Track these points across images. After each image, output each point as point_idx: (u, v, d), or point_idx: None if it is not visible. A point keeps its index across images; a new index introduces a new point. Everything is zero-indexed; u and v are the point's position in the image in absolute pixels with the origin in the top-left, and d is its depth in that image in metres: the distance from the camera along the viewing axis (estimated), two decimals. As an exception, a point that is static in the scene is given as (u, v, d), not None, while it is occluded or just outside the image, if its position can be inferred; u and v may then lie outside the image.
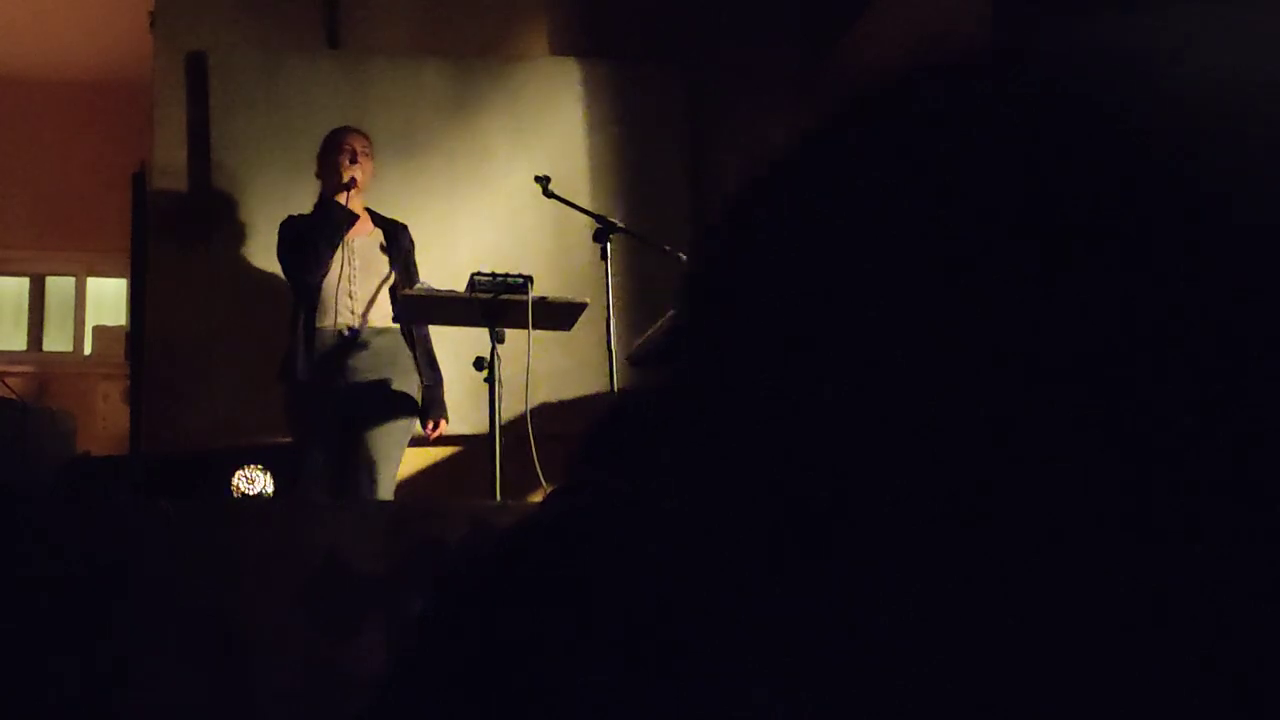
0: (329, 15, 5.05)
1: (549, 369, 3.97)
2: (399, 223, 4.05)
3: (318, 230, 3.84)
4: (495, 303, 3.50)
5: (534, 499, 3.37)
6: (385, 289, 3.90)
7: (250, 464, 3.16)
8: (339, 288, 3.86)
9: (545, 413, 3.88)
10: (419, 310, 3.75)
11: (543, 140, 4.97)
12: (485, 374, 3.52)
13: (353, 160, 3.90)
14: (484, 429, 3.57)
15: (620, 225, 3.76)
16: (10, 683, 2.26)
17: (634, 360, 3.74)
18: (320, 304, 3.85)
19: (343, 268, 3.88)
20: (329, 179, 3.95)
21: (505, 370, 3.55)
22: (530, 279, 3.52)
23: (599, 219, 3.76)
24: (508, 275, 3.52)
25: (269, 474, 3.17)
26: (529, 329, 3.44)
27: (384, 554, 2.53)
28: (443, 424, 4.00)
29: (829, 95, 0.37)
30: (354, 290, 3.88)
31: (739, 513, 0.31)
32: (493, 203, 4.87)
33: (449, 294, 3.59)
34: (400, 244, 4.00)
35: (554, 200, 3.84)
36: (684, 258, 3.52)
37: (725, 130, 4.94)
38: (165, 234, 4.65)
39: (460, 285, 3.57)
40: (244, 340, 4.41)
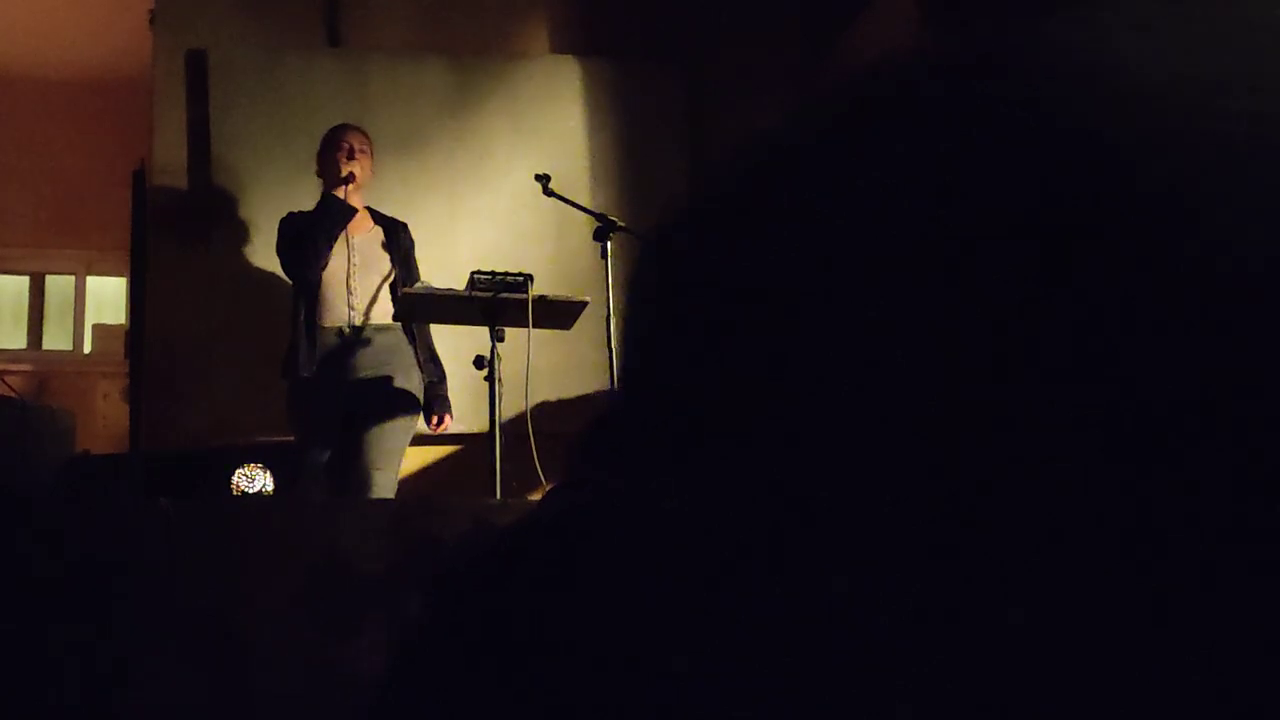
0: (329, 13, 5.06)
1: (549, 368, 3.97)
2: (399, 221, 4.06)
3: (316, 225, 3.85)
4: (495, 301, 3.50)
5: (534, 497, 3.37)
6: (386, 286, 3.91)
7: (250, 462, 3.17)
8: (340, 285, 3.87)
9: (545, 411, 3.89)
10: (419, 308, 3.76)
11: (543, 138, 4.98)
12: (485, 373, 3.53)
13: (350, 156, 3.92)
14: (484, 427, 3.58)
15: (620, 224, 3.76)
16: (10, 682, 2.26)
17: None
18: (321, 301, 3.86)
19: (344, 264, 3.89)
20: (328, 176, 3.97)
21: (505, 369, 3.56)
22: (530, 277, 3.52)
23: (599, 217, 3.76)
24: (508, 274, 3.52)
25: (269, 472, 3.18)
26: (529, 328, 3.45)
27: (384, 552, 2.53)
28: (447, 418, 4.01)
29: (827, 92, 0.37)
30: (355, 288, 3.88)
31: (739, 513, 0.31)
32: (493, 201, 4.87)
33: (449, 292, 3.59)
34: (401, 242, 4.00)
35: (554, 199, 3.84)
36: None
37: (725, 130, 4.94)
38: (165, 232, 4.65)
39: (460, 284, 3.57)
40: (244, 338, 4.42)
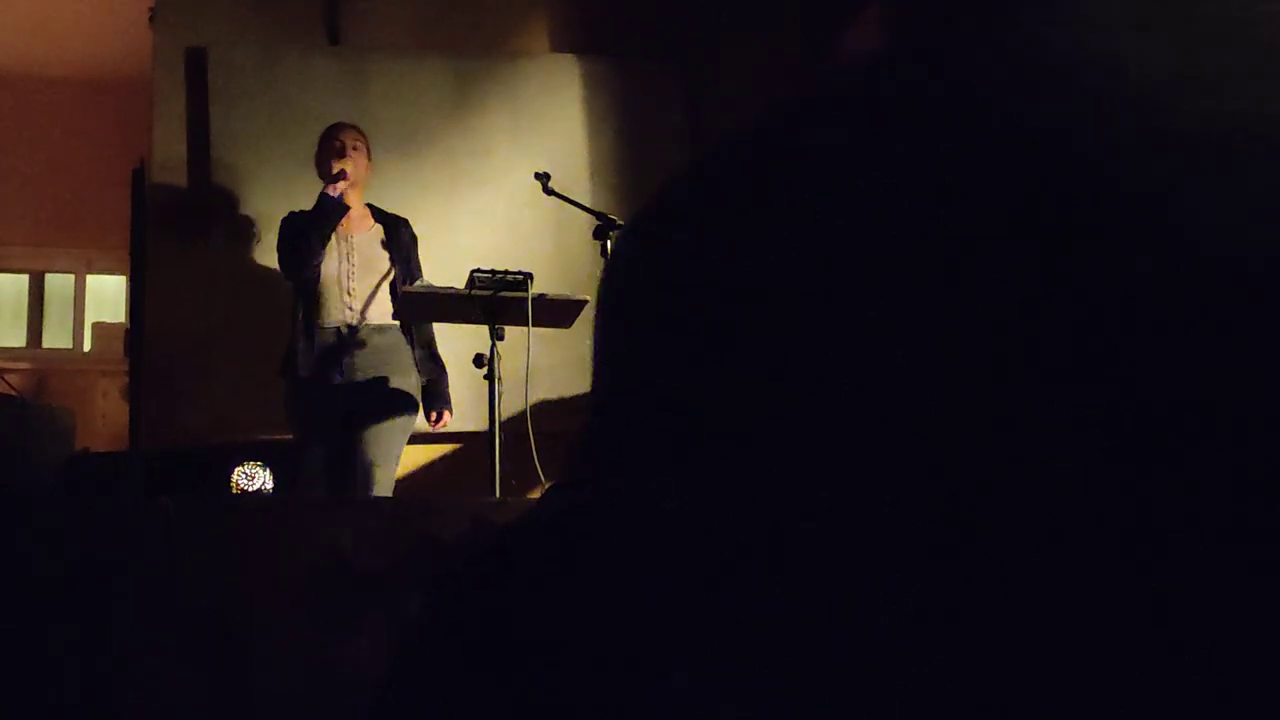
0: (329, 11, 5.05)
1: (549, 366, 3.96)
2: (400, 218, 4.06)
3: (310, 222, 3.85)
4: (495, 300, 3.50)
5: (533, 496, 3.37)
6: (385, 286, 3.91)
7: (250, 460, 3.16)
8: (338, 285, 3.87)
9: (545, 410, 3.88)
10: (419, 307, 3.76)
11: (543, 137, 4.97)
12: (485, 371, 3.53)
13: (341, 154, 3.92)
14: (484, 426, 3.58)
15: (620, 223, 3.75)
16: (10, 682, 2.26)
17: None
18: (319, 301, 3.86)
19: (341, 264, 3.89)
20: (323, 174, 3.97)
21: (505, 367, 3.56)
22: (530, 276, 3.52)
23: (599, 216, 3.76)
24: (507, 272, 3.52)
25: (268, 470, 3.17)
26: (529, 326, 3.45)
27: (384, 550, 2.53)
28: (446, 415, 4.01)
29: (823, 90, 0.37)
30: (353, 287, 3.89)
31: (739, 512, 0.31)
32: (493, 200, 4.87)
33: (449, 291, 3.59)
34: (401, 239, 4.00)
35: (554, 197, 3.84)
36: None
37: (725, 129, 4.93)
38: (165, 230, 4.64)
39: (460, 282, 3.57)
40: (243, 337, 4.42)
